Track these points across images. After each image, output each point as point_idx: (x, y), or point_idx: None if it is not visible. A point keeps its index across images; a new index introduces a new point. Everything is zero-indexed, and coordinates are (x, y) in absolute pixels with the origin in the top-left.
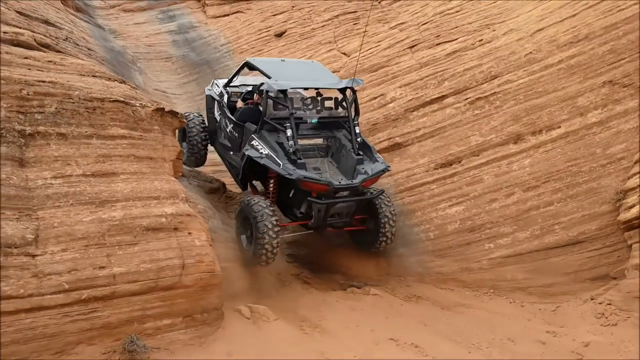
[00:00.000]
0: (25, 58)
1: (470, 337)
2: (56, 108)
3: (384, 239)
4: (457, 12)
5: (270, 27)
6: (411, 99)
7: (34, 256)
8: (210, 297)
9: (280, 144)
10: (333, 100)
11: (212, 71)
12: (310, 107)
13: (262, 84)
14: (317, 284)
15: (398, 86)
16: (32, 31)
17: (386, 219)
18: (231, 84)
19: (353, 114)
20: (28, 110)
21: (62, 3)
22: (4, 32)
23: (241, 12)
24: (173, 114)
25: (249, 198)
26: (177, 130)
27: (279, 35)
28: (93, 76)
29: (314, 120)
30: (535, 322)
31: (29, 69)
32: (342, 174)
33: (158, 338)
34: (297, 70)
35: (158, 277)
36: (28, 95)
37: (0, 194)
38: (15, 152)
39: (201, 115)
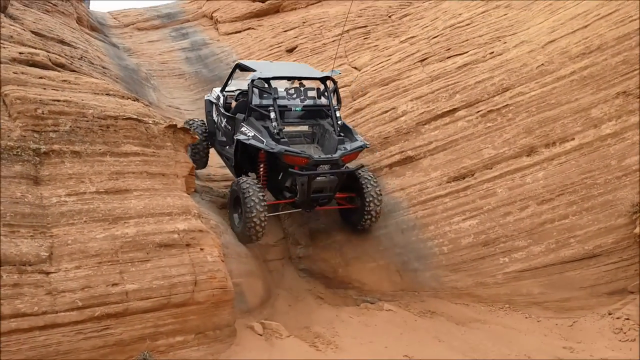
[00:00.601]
0: (41, 78)
1: (486, 353)
2: (70, 126)
3: (369, 217)
4: (467, 25)
5: (281, 42)
6: (422, 112)
7: (48, 273)
8: (223, 314)
9: (267, 128)
10: (315, 91)
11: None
12: (294, 96)
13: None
14: (330, 299)
15: (409, 99)
16: (48, 51)
17: (371, 198)
18: (226, 88)
19: (335, 102)
20: (43, 129)
21: (77, 23)
22: (20, 53)
23: (253, 28)
24: (185, 130)
25: (239, 179)
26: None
27: (290, 50)
28: (107, 94)
29: (298, 109)
30: (551, 337)
31: (44, 89)
32: (325, 154)
33: (170, 355)
34: (283, 67)
35: (170, 294)
36: (43, 114)
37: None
38: (30, 171)
39: (203, 122)
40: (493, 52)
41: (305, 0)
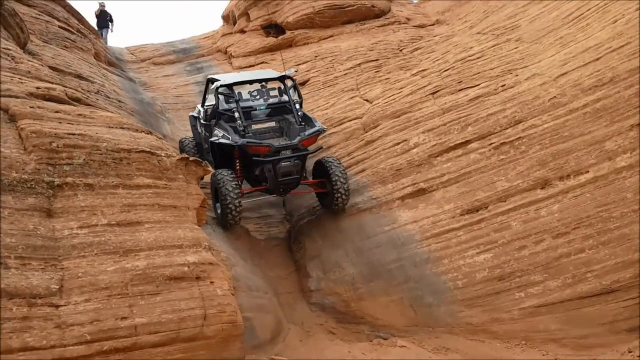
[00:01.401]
0: (57, 112)
1: None
2: (84, 159)
3: (339, 195)
4: (478, 58)
5: (294, 76)
6: (435, 145)
7: (57, 307)
8: (232, 349)
9: (234, 128)
10: (277, 90)
11: None
12: (258, 97)
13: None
14: (342, 334)
15: (421, 132)
16: (64, 86)
17: (337, 177)
18: (205, 102)
19: (296, 96)
20: (57, 162)
21: (95, 58)
22: (37, 88)
23: (266, 62)
24: (197, 162)
25: (215, 171)
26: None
27: (303, 83)
28: (121, 128)
29: (263, 107)
30: None
31: (60, 123)
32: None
33: None
34: (245, 74)
35: (179, 328)
36: (58, 147)
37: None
38: (44, 203)
39: (193, 139)
40: (505, 84)
41: (317, 35)
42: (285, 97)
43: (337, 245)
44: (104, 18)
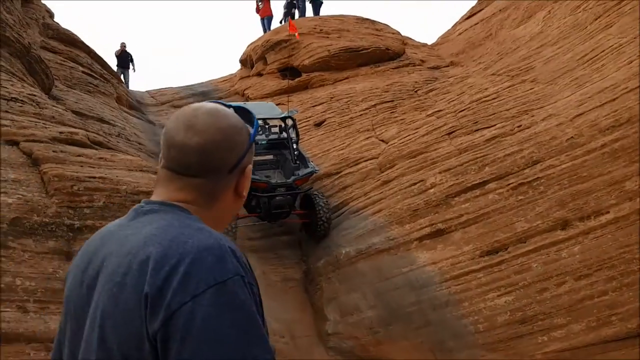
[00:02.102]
0: (79, 156)
1: None
2: (104, 202)
3: (321, 222)
4: (494, 99)
5: (309, 117)
6: (452, 185)
7: None
8: None
9: None
10: (278, 127)
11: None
12: (260, 132)
13: None
14: None
15: (438, 172)
16: (87, 130)
17: (320, 207)
18: None
19: (294, 135)
20: (78, 205)
21: (117, 102)
22: (60, 132)
23: (282, 104)
24: None
25: None
26: None
27: (318, 124)
28: (140, 170)
29: (264, 142)
30: None
31: (81, 166)
32: (285, 178)
33: None
34: (252, 105)
35: None
36: (79, 191)
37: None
38: (64, 246)
39: None
40: (521, 125)
41: (333, 77)
42: (284, 135)
43: (355, 287)
44: (125, 58)
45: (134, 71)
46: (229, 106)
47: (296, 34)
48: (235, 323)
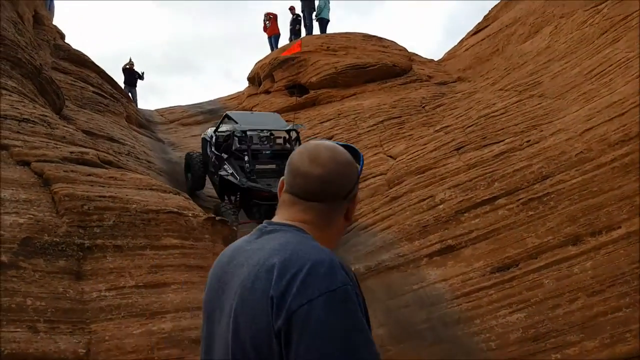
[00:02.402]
0: (89, 175)
1: None
2: (114, 221)
3: None
4: (502, 114)
5: (317, 133)
6: (461, 201)
7: None
8: None
9: (242, 167)
10: (282, 139)
11: None
12: (265, 142)
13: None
14: None
15: (447, 187)
16: (97, 149)
17: None
18: (218, 130)
19: (296, 147)
20: (88, 224)
21: (126, 121)
22: (71, 152)
23: (289, 121)
24: (223, 222)
25: (221, 204)
26: (185, 163)
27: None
28: (150, 189)
29: (268, 152)
30: None
31: (92, 185)
32: None
33: None
34: (258, 118)
35: None
36: (89, 210)
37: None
38: (73, 266)
39: (200, 153)
40: (530, 140)
41: (340, 94)
42: (288, 146)
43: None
44: (132, 76)
45: (142, 79)
46: (341, 145)
47: (299, 48)
48: (344, 324)
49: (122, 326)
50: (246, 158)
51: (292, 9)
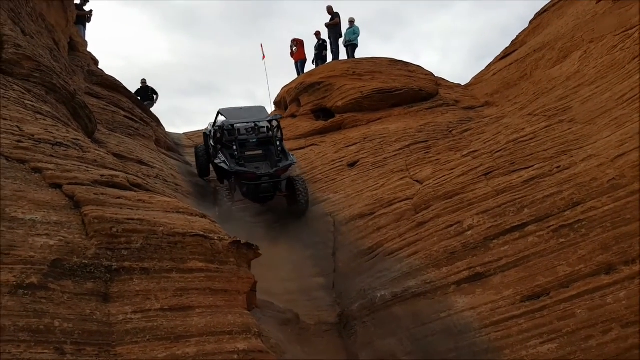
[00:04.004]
0: (118, 198)
1: None
2: (142, 244)
3: (300, 198)
4: (531, 139)
5: (343, 157)
6: (490, 227)
7: None
8: None
9: (232, 155)
10: (265, 128)
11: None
12: (251, 133)
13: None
14: None
15: (475, 213)
16: (126, 172)
17: (298, 189)
18: (215, 125)
19: (278, 134)
20: (116, 246)
21: (155, 144)
22: (101, 175)
23: (316, 144)
24: (249, 246)
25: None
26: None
27: (352, 165)
28: (177, 212)
29: (254, 140)
30: None
31: (121, 208)
32: (270, 169)
33: None
34: (245, 113)
35: None
36: (117, 232)
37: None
38: (101, 288)
39: (204, 146)
40: (560, 166)
41: (365, 118)
42: (271, 134)
43: (391, 332)
44: (145, 92)
45: (155, 102)
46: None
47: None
48: None
49: (147, 349)
50: (234, 147)
51: (317, 33)
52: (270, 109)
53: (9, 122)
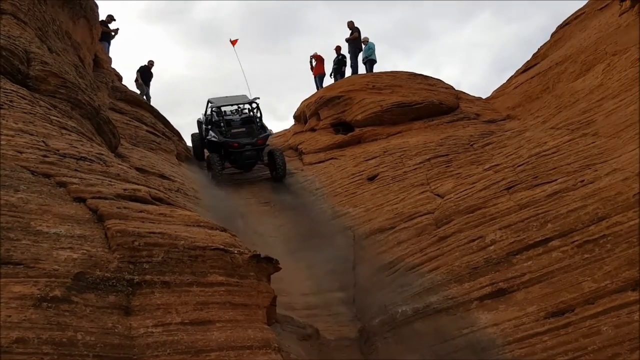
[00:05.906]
0: (140, 212)
1: None
2: (163, 257)
3: (278, 167)
4: (554, 153)
5: (362, 171)
6: (513, 242)
7: None
8: None
9: (221, 131)
10: (247, 110)
11: (306, 213)
12: (235, 114)
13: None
14: None
15: (497, 228)
16: (148, 186)
17: (278, 160)
18: (206, 113)
19: (258, 113)
20: (138, 260)
21: (177, 158)
22: (124, 189)
23: (335, 158)
24: (268, 260)
25: (211, 155)
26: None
27: (371, 178)
28: (198, 226)
29: (238, 120)
30: None
31: (143, 222)
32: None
33: None
34: (230, 99)
35: None
36: (139, 246)
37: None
38: (123, 301)
39: (199, 134)
40: (584, 180)
41: (385, 131)
42: (252, 114)
43: (412, 348)
44: (148, 74)
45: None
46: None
47: (233, 42)
48: None
49: None
50: (222, 125)
51: (338, 48)
52: (250, 97)
53: (36, 137)
